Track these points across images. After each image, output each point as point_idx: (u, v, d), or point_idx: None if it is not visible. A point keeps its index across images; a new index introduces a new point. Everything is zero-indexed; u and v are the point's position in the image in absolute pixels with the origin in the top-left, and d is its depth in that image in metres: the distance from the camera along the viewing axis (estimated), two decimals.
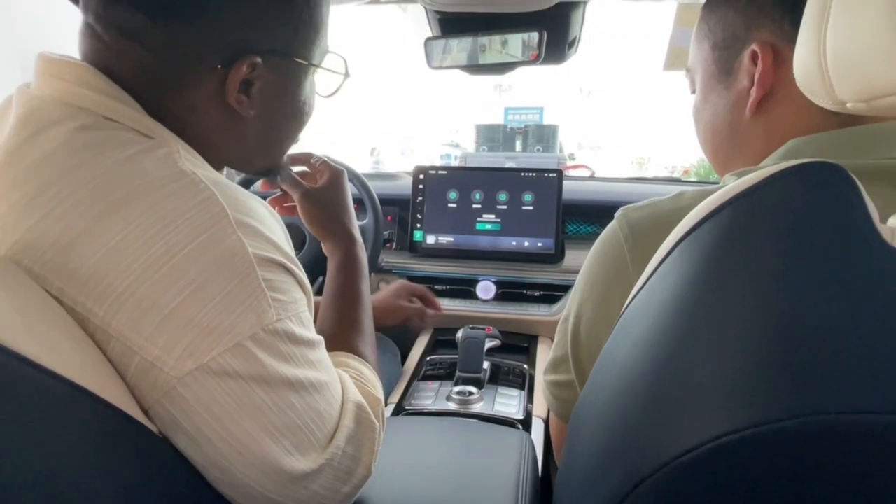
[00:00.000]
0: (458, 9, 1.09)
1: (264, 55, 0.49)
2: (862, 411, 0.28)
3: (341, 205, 0.75)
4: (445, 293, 1.41)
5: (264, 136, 0.56)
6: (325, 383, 0.47)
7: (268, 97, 0.52)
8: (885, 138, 0.47)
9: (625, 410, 0.37)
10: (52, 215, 0.40)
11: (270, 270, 0.43)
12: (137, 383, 0.40)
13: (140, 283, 0.39)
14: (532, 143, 8.93)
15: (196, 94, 0.49)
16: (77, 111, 0.44)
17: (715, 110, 0.58)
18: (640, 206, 0.53)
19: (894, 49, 0.29)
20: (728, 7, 0.55)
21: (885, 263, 0.29)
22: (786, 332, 0.29)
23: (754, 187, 0.32)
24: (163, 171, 0.42)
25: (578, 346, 0.58)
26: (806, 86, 0.38)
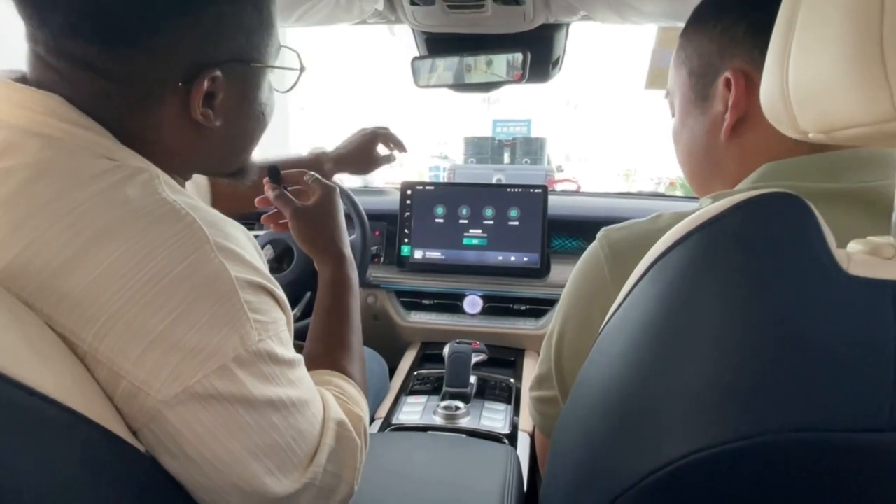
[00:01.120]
0: (444, 30, 1.12)
1: (222, 66, 0.49)
2: (824, 429, 0.29)
3: (332, 222, 0.75)
4: (433, 307, 1.43)
5: (231, 141, 0.57)
6: (306, 402, 0.48)
7: (231, 105, 0.53)
8: (853, 164, 0.49)
9: (603, 427, 0.39)
10: (37, 244, 0.40)
11: (251, 292, 0.44)
12: (124, 408, 0.40)
13: (126, 309, 0.39)
14: (520, 155, 8.99)
15: (160, 114, 0.49)
16: (50, 141, 0.44)
17: (692, 134, 0.60)
18: (620, 228, 0.54)
19: (849, 85, 0.31)
20: (703, 36, 0.57)
21: (839, 289, 0.30)
22: (746, 353, 0.30)
23: (719, 215, 0.34)
24: (144, 199, 0.43)
25: (562, 363, 0.59)
26: (771, 116, 0.40)
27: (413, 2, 1.00)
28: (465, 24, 1.08)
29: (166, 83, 0.48)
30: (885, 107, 0.30)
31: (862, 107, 0.31)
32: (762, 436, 0.29)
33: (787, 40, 0.36)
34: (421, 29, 1.15)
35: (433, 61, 1.16)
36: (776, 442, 0.29)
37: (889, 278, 0.31)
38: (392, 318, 1.42)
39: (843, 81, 0.31)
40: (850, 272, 0.31)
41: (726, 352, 0.31)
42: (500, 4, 0.99)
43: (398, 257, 1.42)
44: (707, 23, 0.57)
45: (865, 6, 0.29)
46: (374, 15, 1.09)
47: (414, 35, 1.20)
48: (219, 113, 0.51)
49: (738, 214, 0.34)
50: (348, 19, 1.08)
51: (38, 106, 0.45)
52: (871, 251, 0.33)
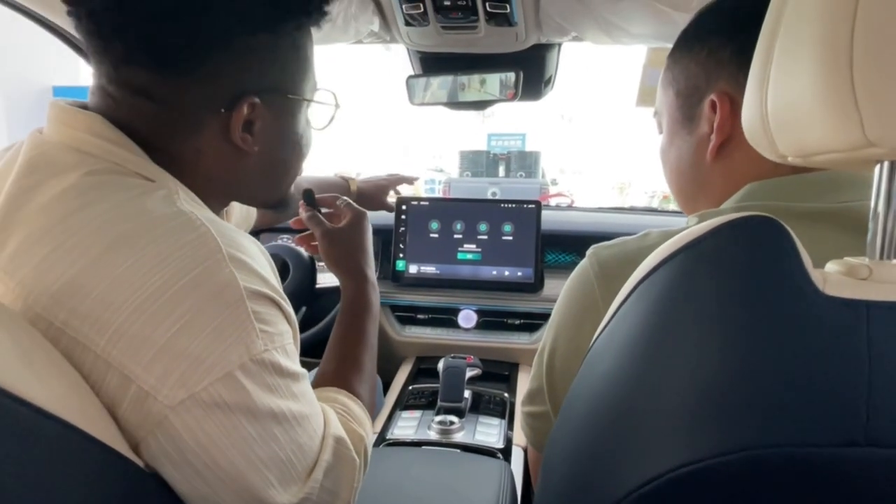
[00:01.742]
0: (438, 49, 1.14)
1: (261, 94, 0.53)
2: (803, 444, 0.31)
3: (358, 245, 0.79)
4: (427, 322, 1.43)
5: (268, 169, 0.60)
6: (307, 416, 0.49)
7: (268, 133, 0.56)
8: (833, 185, 0.50)
9: (592, 441, 0.40)
10: (57, 252, 0.42)
11: (259, 303, 0.46)
12: (132, 414, 0.41)
13: (138, 314, 0.41)
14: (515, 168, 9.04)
15: (202, 138, 0.53)
16: (85, 157, 0.48)
17: (679, 153, 0.62)
18: (609, 245, 0.56)
19: (822, 112, 0.33)
20: (690, 59, 0.59)
21: (815, 308, 0.32)
22: (725, 372, 0.32)
23: (701, 238, 0.35)
24: (162, 209, 0.45)
25: (553, 378, 0.60)
26: (752, 140, 0.41)
27: (408, 22, 1.02)
28: (459, 44, 1.10)
29: (210, 108, 0.52)
30: (857, 134, 0.31)
31: (835, 134, 0.32)
32: (743, 451, 0.30)
33: (766, 67, 0.38)
34: (416, 49, 1.17)
35: (428, 80, 1.18)
36: (758, 457, 0.31)
37: (863, 298, 0.32)
38: (387, 332, 1.42)
39: (816, 109, 0.33)
40: (825, 292, 0.32)
41: (707, 370, 0.32)
42: (493, 25, 1.01)
43: (393, 272, 1.43)
44: (693, 46, 0.58)
45: (836, 37, 0.31)
46: (370, 35, 1.11)
47: (409, 54, 1.22)
48: (257, 139, 0.55)
49: (718, 237, 0.35)
50: (345, 39, 1.10)
51: (80, 124, 0.49)
52: (847, 271, 0.34)
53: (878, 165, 0.34)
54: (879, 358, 0.30)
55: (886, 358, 0.30)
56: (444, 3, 0.95)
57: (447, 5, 0.95)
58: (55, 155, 0.48)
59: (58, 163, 0.47)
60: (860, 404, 0.30)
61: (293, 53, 0.56)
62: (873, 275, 0.33)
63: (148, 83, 0.50)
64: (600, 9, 0.95)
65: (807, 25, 0.33)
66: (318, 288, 1.34)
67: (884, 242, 0.35)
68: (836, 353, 0.31)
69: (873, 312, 0.31)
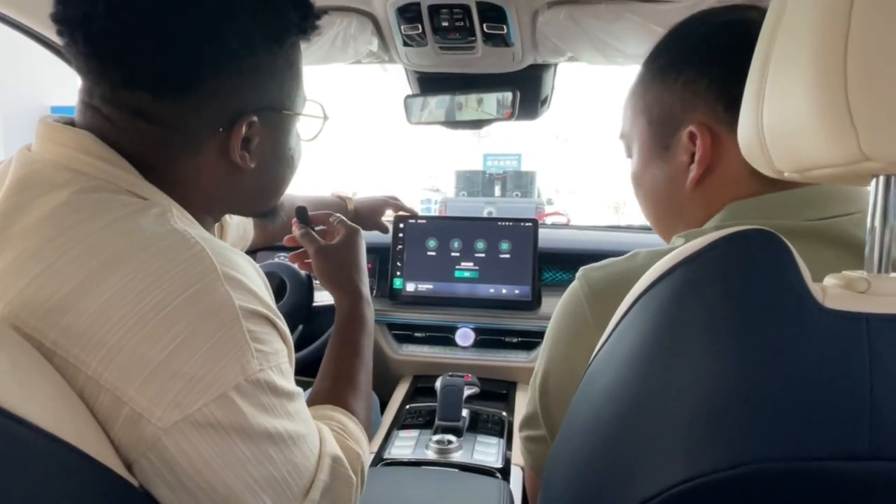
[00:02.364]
0: (435, 69, 1.15)
1: (258, 113, 0.54)
2: (806, 458, 0.30)
3: (352, 261, 0.79)
4: (425, 340, 1.43)
5: (263, 184, 0.60)
6: (303, 435, 0.48)
7: (264, 149, 0.56)
8: (813, 201, 0.51)
9: (594, 459, 0.39)
10: (49, 271, 0.42)
11: (254, 322, 0.45)
12: (124, 436, 0.41)
13: (132, 335, 0.40)
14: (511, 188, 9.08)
15: (200, 157, 0.53)
16: (76, 175, 0.47)
17: (655, 182, 0.61)
18: (598, 267, 0.55)
19: (818, 128, 0.33)
20: (664, 88, 0.58)
21: (815, 321, 0.32)
22: (728, 386, 0.32)
23: (700, 252, 0.35)
24: (155, 228, 0.45)
25: (548, 402, 0.59)
26: (749, 157, 0.42)
27: (406, 43, 1.03)
28: (456, 64, 1.11)
29: (209, 128, 0.52)
30: (853, 149, 0.32)
31: (831, 149, 0.33)
32: (746, 466, 0.30)
33: (762, 84, 0.38)
34: (413, 69, 1.18)
35: (425, 99, 1.19)
36: (760, 472, 0.30)
37: (863, 311, 0.32)
38: (384, 351, 1.41)
39: (812, 125, 0.33)
40: (825, 305, 0.32)
41: (707, 384, 0.32)
42: (490, 46, 1.03)
43: (390, 290, 1.43)
44: (668, 75, 0.58)
45: (830, 52, 0.31)
46: (369, 55, 1.12)
47: (406, 74, 1.23)
48: (254, 156, 0.55)
49: (719, 250, 0.35)
50: (343, 59, 1.12)
51: (71, 142, 0.49)
52: (846, 285, 0.34)
53: (875, 180, 0.35)
54: (881, 371, 0.30)
55: (888, 371, 0.30)
56: (443, 23, 0.96)
57: (445, 26, 0.97)
58: (45, 173, 0.47)
59: (47, 181, 0.46)
60: (863, 417, 0.30)
61: (288, 70, 0.57)
62: (872, 288, 0.33)
63: (146, 105, 0.50)
64: (595, 29, 0.97)
65: (801, 42, 0.33)
66: (315, 306, 1.33)
67: (881, 256, 0.35)
68: (837, 367, 0.31)
69: (873, 325, 0.31)
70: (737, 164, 0.53)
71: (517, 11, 0.93)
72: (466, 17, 0.94)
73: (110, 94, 0.50)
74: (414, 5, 0.92)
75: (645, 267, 0.38)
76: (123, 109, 0.50)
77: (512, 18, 0.94)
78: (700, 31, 0.57)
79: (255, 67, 0.53)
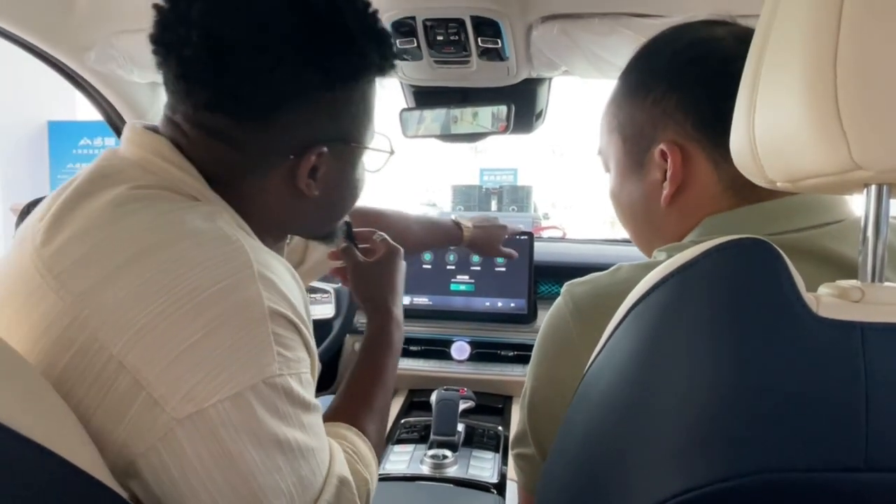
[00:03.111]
0: (431, 83, 1.16)
1: (329, 144, 0.55)
2: (804, 469, 0.30)
3: (387, 281, 0.78)
4: (420, 354, 1.42)
5: (325, 210, 0.62)
6: (314, 450, 0.47)
7: (331, 179, 0.58)
8: (786, 212, 0.51)
9: (586, 475, 0.39)
10: (94, 252, 0.44)
11: (281, 325, 0.45)
12: (136, 425, 0.41)
13: (160, 319, 0.41)
14: (507, 203, 9.11)
15: (268, 180, 0.55)
16: (145, 174, 0.50)
17: (631, 199, 0.61)
18: (581, 282, 0.55)
19: (809, 137, 0.33)
20: (634, 107, 0.58)
21: (810, 330, 0.31)
22: (724, 395, 0.31)
23: (693, 261, 0.35)
24: (199, 223, 0.46)
25: (536, 419, 0.59)
26: (741, 166, 0.42)
27: (401, 57, 1.04)
28: (452, 78, 1.12)
29: (280, 154, 0.54)
30: (844, 157, 0.32)
31: (823, 158, 0.33)
32: (741, 478, 0.29)
33: (753, 94, 0.38)
34: (409, 83, 1.19)
35: (421, 113, 1.20)
36: (758, 483, 0.30)
37: (858, 320, 0.32)
38: None
39: (803, 134, 0.33)
40: (819, 314, 0.32)
41: (701, 395, 0.32)
42: (485, 60, 1.03)
43: None
44: (637, 92, 0.58)
45: (820, 62, 0.31)
46: None
47: (402, 88, 1.24)
48: (319, 184, 0.57)
49: (712, 259, 0.35)
50: None
51: (147, 144, 0.52)
52: (840, 294, 0.34)
53: (866, 189, 0.35)
54: (876, 380, 0.30)
55: (883, 380, 0.30)
56: (437, 38, 0.97)
57: (440, 40, 0.97)
58: (118, 168, 0.50)
59: (117, 175, 0.50)
60: (859, 428, 0.30)
61: (362, 105, 0.58)
62: (866, 297, 0.33)
63: (224, 127, 0.52)
64: (589, 44, 0.97)
65: (791, 52, 0.33)
66: (312, 320, 1.33)
67: (874, 265, 0.35)
68: (832, 376, 0.31)
69: (868, 334, 0.31)
70: (709, 180, 0.54)
71: (511, 26, 0.94)
72: (461, 32, 0.95)
73: (192, 112, 0.52)
74: (409, 20, 0.93)
75: (629, 280, 0.38)
76: (201, 128, 0.52)
77: (506, 33, 0.95)
78: (668, 48, 0.58)
79: (332, 101, 0.55)
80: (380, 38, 0.56)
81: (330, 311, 1.32)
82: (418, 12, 0.91)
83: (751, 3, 0.85)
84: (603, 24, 0.93)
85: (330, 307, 1.32)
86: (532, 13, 0.93)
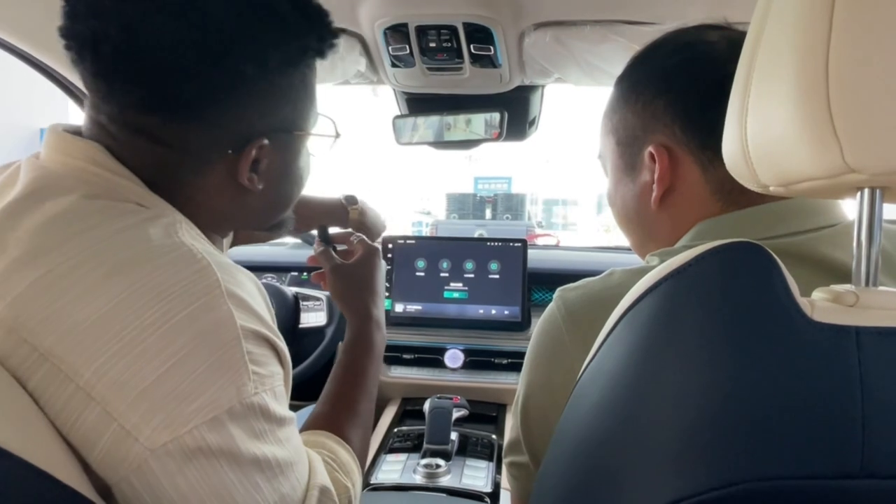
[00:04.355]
0: (424, 90, 1.16)
1: (270, 135, 0.52)
2: (800, 477, 0.29)
3: (366, 282, 0.76)
4: (413, 362, 1.41)
5: (271, 203, 0.59)
6: (292, 464, 0.47)
7: (274, 171, 0.55)
8: (778, 216, 0.51)
9: (580, 482, 0.38)
10: (51, 276, 0.40)
11: (254, 343, 0.44)
12: (107, 457, 0.39)
13: (130, 347, 0.39)
14: (501, 211, 9.15)
15: (208, 179, 0.52)
16: (83, 184, 0.46)
17: (624, 200, 0.62)
18: (574, 287, 0.55)
19: (802, 141, 0.33)
20: (626, 110, 0.59)
21: (804, 335, 0.31)
22: (719, 401, 0.31)
23: (686, 265, 0.35)
24: (162, 239, 0.44)
25: (529, 427, 0.58)
26: (734, 170, 0.41)
27: (394, 64, 1.04)
28: (445, 85, 1.12)
29: (217, 150, 0.51)
30: (837, 161, 0.31)
31: (815, 161, 0.32)
32: (735, 485, 0.29)
33: (745, 98, 0.38)
34: (402, 89, 1.19)
35: (414, 120, 1.19)
36: (753, 490, 0.29)
37: (852, 324, 0.32)
38: None
39: (796, 138, 0.33)
40: (814, 318, 0.32)
41: (695, 400, 0.31)
42: (478, 67, 1.03)
43: None
44: (630, 96, 0.58)
45: (811, 65, 0.31)
46: (357, 76, 1.12)
47: (395, 95, 1.24)
48: (263, 177, 0.54)
49: (706, 263, 0.35)
50: (332, 80, 1.12)
51: (79, 153, 0.48)
52: (834, 299, 0.34)
53: (859, 193, 0.35)
54: (872, 384, 0.30)
55: (879, 384, 0.30)
56: (430, 44, 0.97)
57: (433, 47, 0.97)
58: (53, 180, 0.46)
59: (55, 187, 0.45)
60: (855, 434, 0.29)
61: (302, 90, 0.55)
62: (860, 301, 0.33)
63: (154, 127, 0.49)
64: (581, 51, 0.98)
65: (782, 55, 0.33)
66: (302, 328, 1.32)
67: (868, 269, 0.34)
68: (828, 381, 0.30)
69: (863, 338, 0.31)
70: (697, 183, 0.54)
71: (504, 33, 0.94)
72: (454, 39, 0.95)
73: (118, 113, 0.49)
74: (401, 26, 0.93)
75: (621, 285, 0.38)
76: (130, 129, 0.49)
77: (499, 40, 0.95)
78: (659, 53, 0.58)
79: (269, 90, 0.52)
80: (315, 19, 0.53)
81: (322, 319, 1.31)
82: (411, 19, 0.91)
83: (745, 11, 0.86)
84: (595, 31, 0.94)
85: (322, 315, 1.31)
86: (525, 20, 0.94)
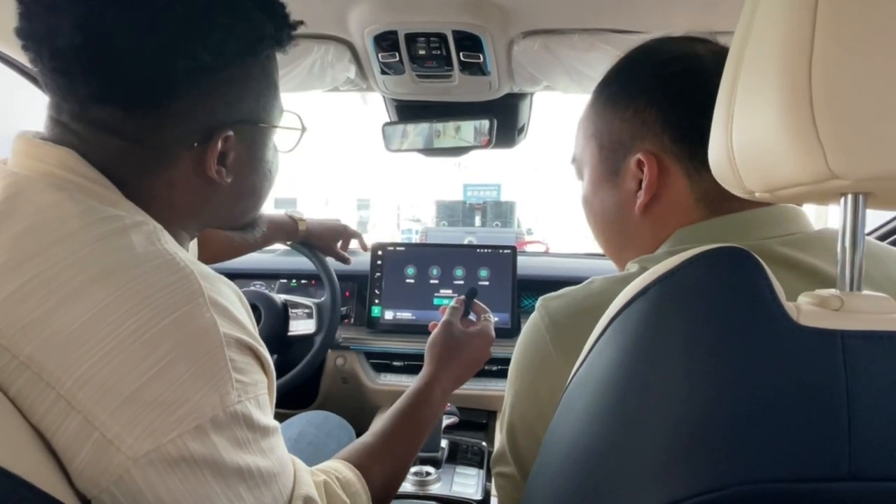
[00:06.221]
0: (413, 97, 1.16)
1: (234, 127, 0.52)
2: (788, 480, 0.30)
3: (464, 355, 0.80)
4: (403, 369, 1.40)
5: (241, 197, 0.59)
6: (275, 475, 0.46)
7: (241, 163, 0.55)
8: (756, 222, 0.52)
9: (570, 489, 0.38)
10: (32, 284, 0.40)
11: (237, 351, 0.44)
12: (89, 465, 0.38)
13: (112, 356, 0.39)
14: (491, 218, 9.16)
15: (175, 172, 0.51)
16: (58, 191, 0.45)
17: (604, 206, 0.62)
18: (556, 296, 0.55)
19: (786, 148, 0.33)
20: (615, 115, 0.59)
21: (791, 339, 0.31)
22: (706, 406, 0.31)
23: (673, 270, 0.35)
24: (147, 247, 0.44)
25: (515, 438, 0.58)
26: (720, 176, 0.42)
27: (384, 71, 1.04)
28: (434, 92, 1.13)
29: (183, 143, 0.51)
30: (821, 167, 0.32)
31: (800, 167, 0.33)
32: (724, 489, 0.29)
33: (730, 105, 0.38)
34: (391, 96, 1.19)
35: (404, 127, 1.20)
36: (742, 494, 0.29)
37: (837, 328, 0.32)
38: (361, 380, 1.39)
39: (780, 144, 0.33)
40: (800, 323, 0.32)
41: (683, 404, 0.32)
42: (467, 75, 1.04)
43: (368, 318, 1.41)
44: (618, 103, 0.58)
45: (795, 72, 0.32)
46: (347, 83, 1.12)
47: (385, 102, 1.24)
48: (230, 170, 0.54)
49: (694, 267, 0.35)
50: (321, 86, 1.12)
51: (51, 158, 0.47)
52: (819, 303, 0.34)
53: (843, 199, 0.35)
54: (858, 387, 0.30)
55: (864, 387, 0.30)
56: (419, 52, 0.97)
57: (422, 54, 0.98)
58: (26, 186, 0.45)
59: (30, 194, 0.45)
60: (842, 436, 0.29)
61: (264, 82, 0.55)
62: (845, 305, 0.33)
63: (116, 121, 0.48)
64: (570, 59, 0.98)
65: (766, 63, 0.34)
66: (291, 335, 1.31)
67: (852, 274, 0.35)
68: (814, 384, 0.30)
69: (848, 342, 0.31)
70: (682, 192, 0.55)
71: (493, 41, 0.95)
72: (443, 46, 0.95)
73: (79, 110, 0.48)
74: (391, 34, 0.93)
75: (603, 293, 0.38)
76: (93, 125, 0.48)
77: (488, 48, 0.96)
78: (650, 61, 0.58)
79: (230, 81, 0.52)
80: (271, 6, 0.53)
81: (311, 327, 1.30)
82: (400, 26, 0.92)
83: (728, 21, 0.88)
84: (583, 39, 0.95)
85: (311, 322, 1.30)
86: (513, 29, 0.94)
